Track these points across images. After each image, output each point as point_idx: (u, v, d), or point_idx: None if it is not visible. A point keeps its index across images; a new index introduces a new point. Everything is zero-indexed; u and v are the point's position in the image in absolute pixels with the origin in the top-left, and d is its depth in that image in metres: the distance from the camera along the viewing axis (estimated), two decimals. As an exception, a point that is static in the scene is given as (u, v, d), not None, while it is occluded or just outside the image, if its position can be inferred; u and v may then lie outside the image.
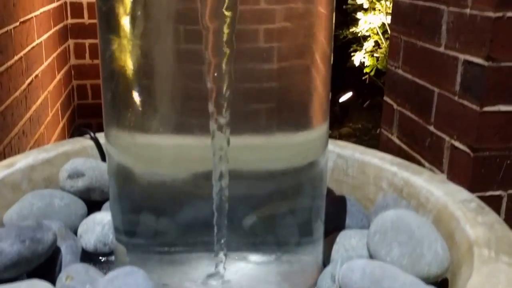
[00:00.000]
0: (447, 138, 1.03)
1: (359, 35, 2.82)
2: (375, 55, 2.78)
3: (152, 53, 0.46)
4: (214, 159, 0.44)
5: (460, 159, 0.99)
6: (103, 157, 0.69)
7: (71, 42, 2.31)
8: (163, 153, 0.47)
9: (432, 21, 1.08)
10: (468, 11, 0.96)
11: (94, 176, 0.63)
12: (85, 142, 0.71)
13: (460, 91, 0.99)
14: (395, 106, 1.26)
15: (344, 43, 2.91)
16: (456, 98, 1.00)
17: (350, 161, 0.67)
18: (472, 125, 0.95)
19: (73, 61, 2.33)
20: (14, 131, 1.44)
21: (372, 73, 2.79)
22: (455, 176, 1.01)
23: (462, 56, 0.98)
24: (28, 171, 0.63)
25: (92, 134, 0.71)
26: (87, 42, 2.32)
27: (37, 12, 1.75)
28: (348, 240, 0.53)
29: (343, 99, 3.26)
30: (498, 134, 0.93)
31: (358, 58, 2.81)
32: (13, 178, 0.61)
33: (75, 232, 0.58)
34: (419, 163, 1.13)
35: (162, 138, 0.47)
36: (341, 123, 3.13)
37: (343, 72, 2.98)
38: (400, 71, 1.23)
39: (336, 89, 3.05)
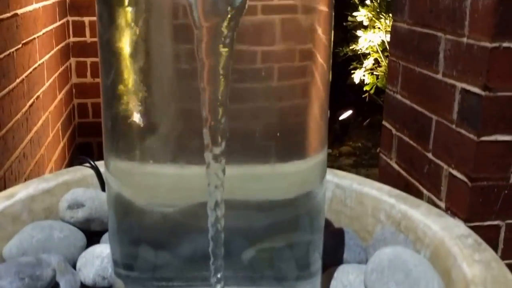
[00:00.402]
0: (445, 166, 1.03)
1: (359, 52, 2.83)
2: (375, 73, 2.79)
3: (151, 84, 0.46)
4: (210, 188, 0.44)
5: (458, 188, 0.99)
6: (103, 187, 0.69)
7: (72, 60, 2.32)
8: (163, 183, 0.47)
9: (430, 48, 1.09)
10: (465, 40, 0.97)
11: (94, 207, 0.63)
12: (85, 171, 0.71)
13: (458, 119, 0.99)
14: (393, 131, 1.26)
15: (344, 60, 2.92)
16: (453, 126, 1.00)
17: (348, 192, 0.67)
18: (469, 154, 0.95)
19: (74, 79, 2.34)
20: (15, 154, 1.43)
21: (372, 91, 2.80)
22: (453, 205, 1.01)
23: (460, 85, 0.98)
24: (28, 201, 0.63)
25: (92, 163, 0.71)
26: (89, 60, 2.32)
27: (40, 33, 1.75)
28: (346, 276, 0.54)
29: (343, 117, 3.27)
30: (496, 164, 0.94)
31: (358, 75, 2.82)
32: (13, 209, 0.61)
33: (74, 265, 0.58)
34: (417, 190, 1.13)
35: (162, 168, 0.47)
36: (341, 142, 3.14)
37: (343, 90, 2.99)
38: (398, 96, 1.23)
39: (336, 106, 3.07)
